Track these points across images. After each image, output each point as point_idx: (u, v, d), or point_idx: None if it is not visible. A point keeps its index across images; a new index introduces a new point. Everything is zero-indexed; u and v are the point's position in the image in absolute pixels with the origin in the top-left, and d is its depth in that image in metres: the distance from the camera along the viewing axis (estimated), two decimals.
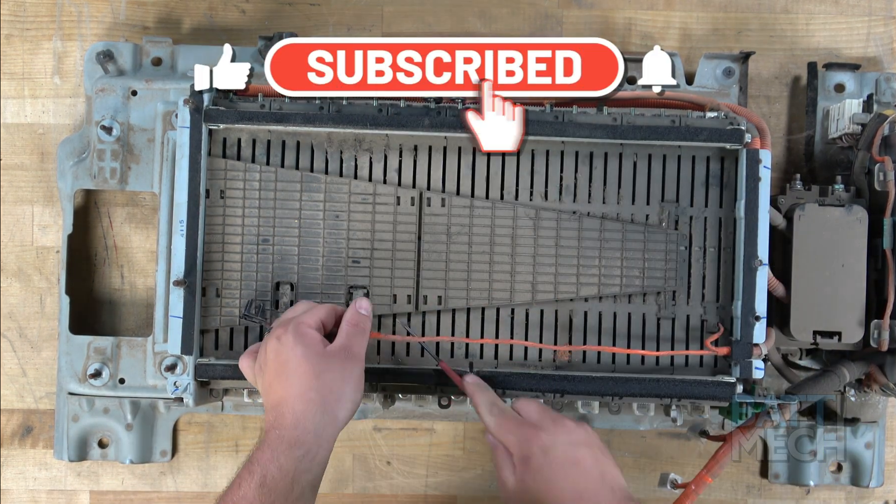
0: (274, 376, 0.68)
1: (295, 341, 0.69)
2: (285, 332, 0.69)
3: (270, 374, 0.69)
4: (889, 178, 0.80)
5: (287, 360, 0.68)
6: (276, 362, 0.69)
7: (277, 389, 0.68)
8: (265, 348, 0.71)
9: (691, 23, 0.98)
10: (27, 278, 0.96)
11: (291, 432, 0.66)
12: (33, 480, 0.96)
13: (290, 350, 0.68)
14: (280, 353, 0.69)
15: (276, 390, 0.68)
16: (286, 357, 0.68)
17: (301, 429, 0.66)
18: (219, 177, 0.82)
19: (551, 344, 0.82)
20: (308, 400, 0.67)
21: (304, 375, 0.67)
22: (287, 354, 0.68)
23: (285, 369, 0.68)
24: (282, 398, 0.67)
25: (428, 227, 0.82)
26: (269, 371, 0.69)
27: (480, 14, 0.98)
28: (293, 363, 0.68)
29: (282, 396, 0.67)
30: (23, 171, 0.96)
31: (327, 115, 0.80)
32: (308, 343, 0.69)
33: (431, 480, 0.96)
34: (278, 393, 0.68)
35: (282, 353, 0.68)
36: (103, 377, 0.90)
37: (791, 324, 0.82)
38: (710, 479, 0.76)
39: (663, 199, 0.83)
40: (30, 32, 0.97)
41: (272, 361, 0.69)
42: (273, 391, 0.68)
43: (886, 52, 0.97)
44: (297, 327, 0.69)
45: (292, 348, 0.68)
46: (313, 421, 0.66)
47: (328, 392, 0.68)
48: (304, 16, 0.98)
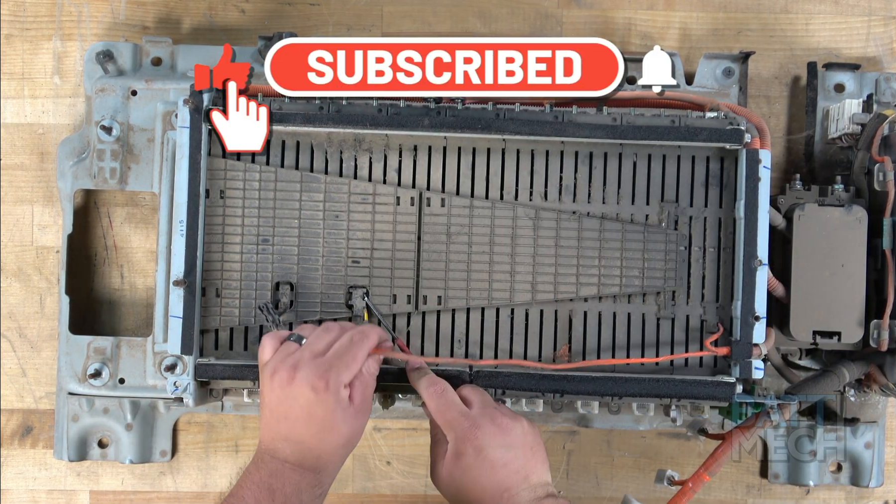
0: (304, 424, 0.68)
1: (335, 405, 0.68)
2: (326, 389, 0.68)
3: (298, 416, 0.68)
4: (889, 178, 0.80)
5: (324, 418, 0.68)
6: (308, 412, 0.68)
7: (305, 435, 0.69)
8: (295, 381, 0.69)
9: (691, 23, 0.98)
10: (27, 278, 0.96)
11: (315, 477, 0.69)
12: (33, 480, 0.96)
13: (330, 414, 0.68)
14: (316, 409, 0.68)
15: (304, 435, 0.69)
16: (322, 416, 0.68)
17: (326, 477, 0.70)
18: (219, 177, 0.82)
19: (551, 344, 0.82)
20: (340, 457, 0.70)
21: (341, 437, 0.69)
22: (324, 414, 0.68)
23: (320, 424, 0.68)
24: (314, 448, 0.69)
25: (428, 227, 0.82)
26: (297, 413, 0.68)
27: (480, 14, 0.98)
28: (330, 423, 0.68)
29: (314, 446, 0.69)
30: (23, 171, 0.96)
31: (327, 115, 0.80)
32: (345, 407, 0.69)
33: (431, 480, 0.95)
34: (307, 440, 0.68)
35: (318, 411, 0.68)
36: (103, 377, 0.90)
37: (791, 324, 0.82)
38: (708, 478, 0.76)
39: (663, 199, 0.83)
40: (30, 32, 0.97)
41: (302, 408, 0.68)
42: (298, 433, 0.69)
43: (886, 52, 0.97)
44: (338, 391, 0.69)
45: (332, 412, 0.68)
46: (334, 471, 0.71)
47: (350, 446, 0.71)
48: (304, 16, 0.98)
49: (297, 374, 0.68)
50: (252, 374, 0.79)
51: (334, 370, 0.69)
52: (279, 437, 0.69)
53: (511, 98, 0.82)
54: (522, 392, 0.79)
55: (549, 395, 0.80)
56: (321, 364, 0.69)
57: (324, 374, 0.69)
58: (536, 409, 0.82)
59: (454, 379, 0.78)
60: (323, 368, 0.69)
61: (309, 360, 0.69)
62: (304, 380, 0.68)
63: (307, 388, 0.68)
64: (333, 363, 0.69)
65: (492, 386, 0.79)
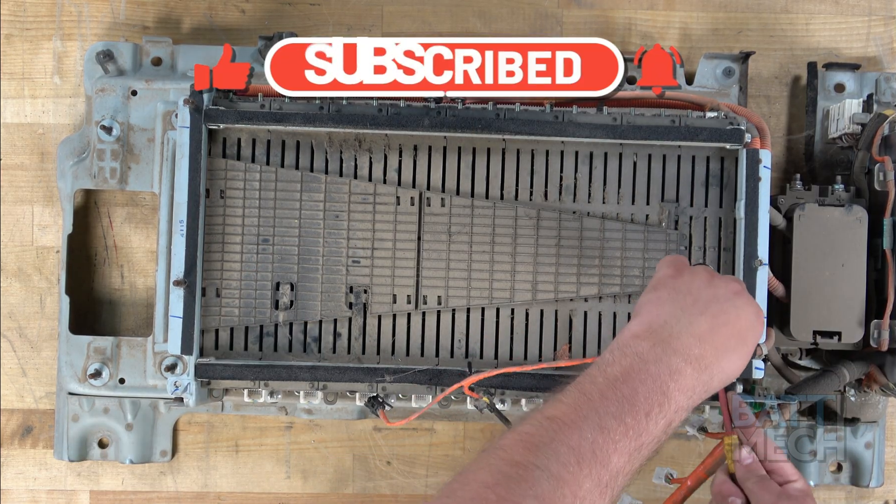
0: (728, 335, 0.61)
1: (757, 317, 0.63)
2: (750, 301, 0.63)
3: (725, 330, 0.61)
4: (889, 178, 0.80)
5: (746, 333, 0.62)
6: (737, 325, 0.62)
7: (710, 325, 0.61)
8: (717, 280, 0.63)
9: (691, 23, 0.98)
10: (27, 278, 0.96)
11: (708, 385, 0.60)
12: (33, 480, 0.96)
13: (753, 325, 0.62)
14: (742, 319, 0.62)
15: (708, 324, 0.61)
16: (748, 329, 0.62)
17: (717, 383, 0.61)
18: (219, 177, 0.82)
19: (551, 344, 0.82)
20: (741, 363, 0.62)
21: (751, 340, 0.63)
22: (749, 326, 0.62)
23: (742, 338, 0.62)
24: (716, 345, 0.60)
25: (428, 227, 0.82)
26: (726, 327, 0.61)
27: (480, 14, 0.98)
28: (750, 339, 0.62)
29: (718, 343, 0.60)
30: (23, 171, 0.96)
31: (327, 115, 0.80)
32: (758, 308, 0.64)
33: (431, 480, 0.96)
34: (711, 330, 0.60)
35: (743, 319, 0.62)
36: (103, 377, 0.90)
37: (791, 324, 0.82)
38: (707, 476, 0.76)
39: (663, 198, 0.83)
40: (30, 32, 0.97)
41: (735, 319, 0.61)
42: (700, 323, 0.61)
43: (886, 52, 0.97)
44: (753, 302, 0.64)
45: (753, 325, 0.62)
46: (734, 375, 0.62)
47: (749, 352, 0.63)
48: (304, 16, 0.98)
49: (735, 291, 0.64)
50: (252, 374, 0.79)
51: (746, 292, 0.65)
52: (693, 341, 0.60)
53: (511, 98, 0.82)
54: (522, 392, 0.79)
55: (549, 395, 0.80)
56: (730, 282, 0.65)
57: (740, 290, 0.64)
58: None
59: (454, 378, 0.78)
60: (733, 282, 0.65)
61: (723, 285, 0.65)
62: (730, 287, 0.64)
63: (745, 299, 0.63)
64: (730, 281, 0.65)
65: (492, 386, 0.79)
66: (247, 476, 0.95)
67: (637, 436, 0.56)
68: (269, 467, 0.96)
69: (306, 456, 0.96)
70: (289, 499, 0.96)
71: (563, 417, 0.56)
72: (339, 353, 0.82)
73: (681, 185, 0.83)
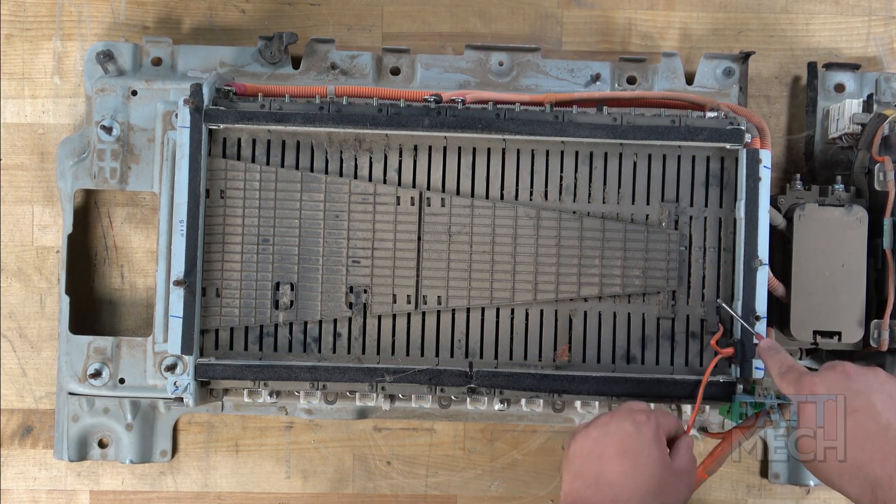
0: (613, 455, 0.64)
1: (653, 441, 0.65)
2: (647, 421, 0.65)
3: (608, 451, 0.65)
4: (889, 178, 0.80)
5: (638, 453, 0.64)
6: (622, 445, 0.64)
7: (612, 470, 0.64)
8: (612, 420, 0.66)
9: (691, 23, 0.98)
10: (27, 278, 0.96)
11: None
12: (33, 480, 0.96)
13: (646, 447, 0.64)
14: (632, 442, 0.64)
15: (611, 470, 0.64)
16: (638, 450, 0.64)
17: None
18: (219, 177, 0.82)
19: (551, 344, 0.82)
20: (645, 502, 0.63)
21: (651, 478, 0.63)
22: (640, 448, 0.64)
23: (633, 460, 0.64)
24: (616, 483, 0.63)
25: (428, 227, 0.82)
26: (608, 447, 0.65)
27: (480, 14, 0.98)
28: (644, 461, 0.64)
29: (617, 482, 0.63)
30: (23, 171, 0.96)
31: (327, 115, 0.80)
32: (662, 450, 0.65)
33: (431, 480, 0.96)
34: (612, 475, 0.63)
35: (634, 444, 0.64)
36: (103, 377, 0.90)
37: (791, 324, 0.82)
38: (707, 476, 0.76)
39: (663, 198, 0.83)
40: (30, 32, 0.97)
41: (617, 442, 0.65)
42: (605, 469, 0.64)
43: (886, 52, 0.97)
44: (657, 429, 0.65)
45: (648, 445, 0.64)
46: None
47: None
48: (304, 16, 0.98)
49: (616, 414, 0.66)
50: (252, 374, 0.79)
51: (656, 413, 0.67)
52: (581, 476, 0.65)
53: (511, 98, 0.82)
54: (522, 392, 0.80)
55: (549, 395, 0.80)
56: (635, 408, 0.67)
57: (646, 410, 0.67)
58: (536, 408, 0.82)
59: (454, 378, 0.78)
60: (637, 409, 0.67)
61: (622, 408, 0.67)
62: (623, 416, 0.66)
63: (629, 423, 0.65)
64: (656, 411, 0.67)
65: (492, 386, 0.79)
66: (247, 476, 0.95)
67: None
68: (269, 467, 0.96)
69: (306, 456, 0.96)
70: (289, 499, 0.96)
71: None
72: (339, 353, 0.82)
73: (681, 185, 0.83)
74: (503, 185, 0.83)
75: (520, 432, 0.95)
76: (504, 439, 0.93)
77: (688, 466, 0.67)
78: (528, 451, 0.95)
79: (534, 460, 0.94)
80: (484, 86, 0.91)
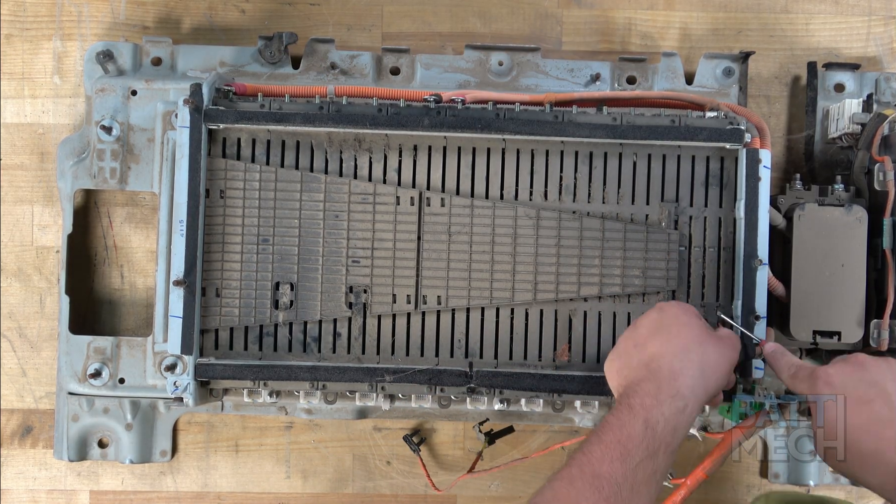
0: (649, 334, 0.69)
1: (680, 310, 0.70)
2: (668, 305, 0.71)
3: (644, 333, 0.69)
4: (889, 178, 0.80)
5: (670, 323, 0.69)
6: (655, 323, 0.69)
7: (652, 346, 0.68)
8: (643, 318, 0.71)
9: (691, 23, 0.98)
10: (27, 278, 0.96)
11: (670, 384, 0.65)
12: (33, 480, 0.96)
13: (675, 316, 0.69)
14: (662, 318, 0.70)
15: (650, 347, 0.68)
16: (669, 321, 0.69)
17: (680, 383, 0.65)
18: (219, 177, 0.82)
19: (551, 344, 0.82)
20: (688, 359, 0.66)
21: (686, 338, 0.68)
22: (670, 319, 0.69)
23: (666, 329, 0.68)
24: (657, 353, 0.67)
25: (428, 227, 0.82)
26: (643, 330, 0.70)
27: (480, 14, 0.98)
28: (676, 327, 0.68)
29: (657, 352, 0.67)
30: (23, 171, 0.96)
31: (327, 114, 0.80)
32: (693, 314, 0.70)
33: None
34: (652, 349, 0.67)
35: (664, 318, 0.69)
36: (103, 377, 0.90)
37: (791, 324, 0.82)
38: (706, 475, 0.76)
39: (663, 198, 0.83)
40: (30, 32, 0.97)
41: (649, 324, 0.70)
42: (645, 348, 0.68)
43: (886, 52, 0.97)
44: (680, 304, 0.71)
45: (676, 315, 0.69)
46: (691, 377, 0.66)
47: (706, 359, 0.67)
48: (304, 16, 0.98)
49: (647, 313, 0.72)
50: (252, 374, 0.79)
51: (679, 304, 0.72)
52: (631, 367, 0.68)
53: (511, 98, 0.82)
54: (522, 392, 0.79)
55: (549, 394, 0.80)
56: None
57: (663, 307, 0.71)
58: (536, 408, 0.82)
59: (454, 378, 0.78)
60: None
61: None
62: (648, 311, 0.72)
63: (654, 312, 0.71)
64: None
65: (492, 386, 0.79)
66: (247, 476, 0.96)
67: None
68: (269, 467, 0.96)
69: (306, 456, 0.96)
70: (289, 499, 0.96)
71: None
72: (338, 353, 0.82)
73: (681, 185, 0.83)
74: (503, 185, 0.83)
75: (520, 432, 0.95)
76: (504, 439, 0.93)
77: (729, 333, 0.72)
78: (528, 451, 0.95)
79: (534, 460, 0.94)
80: (484, 86, 0.91)
